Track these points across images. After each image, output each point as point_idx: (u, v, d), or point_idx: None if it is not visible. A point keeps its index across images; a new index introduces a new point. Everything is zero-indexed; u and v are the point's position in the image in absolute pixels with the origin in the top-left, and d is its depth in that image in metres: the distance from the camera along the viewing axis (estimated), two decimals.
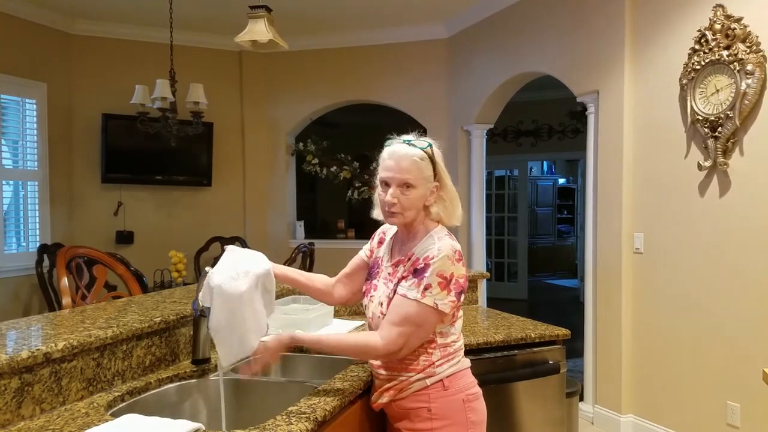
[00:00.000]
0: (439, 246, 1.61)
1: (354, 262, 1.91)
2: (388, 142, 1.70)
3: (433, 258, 1.59)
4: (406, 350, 1.62)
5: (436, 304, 1.57)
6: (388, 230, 1.86)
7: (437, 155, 1.67)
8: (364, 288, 1.84)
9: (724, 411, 3.14)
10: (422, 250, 1.63)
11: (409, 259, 1.66)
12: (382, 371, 1.71)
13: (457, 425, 1.65)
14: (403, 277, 1.65)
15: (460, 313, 1.73)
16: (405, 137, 1.68)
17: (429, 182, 1.65)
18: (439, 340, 1.66)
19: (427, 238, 1.66)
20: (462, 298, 1.65)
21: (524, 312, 4.07)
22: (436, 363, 1.65)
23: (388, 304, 1.65)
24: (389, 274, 1.72)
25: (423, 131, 1.83)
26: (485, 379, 2.23)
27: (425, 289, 1.57)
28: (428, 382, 1.65)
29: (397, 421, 1.70)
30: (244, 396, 1.89)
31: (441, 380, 1.65)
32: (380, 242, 1.87)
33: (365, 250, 1.90)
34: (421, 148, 1.64)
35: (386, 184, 1.66)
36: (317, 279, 1.93)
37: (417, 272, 1.60)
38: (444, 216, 1.70)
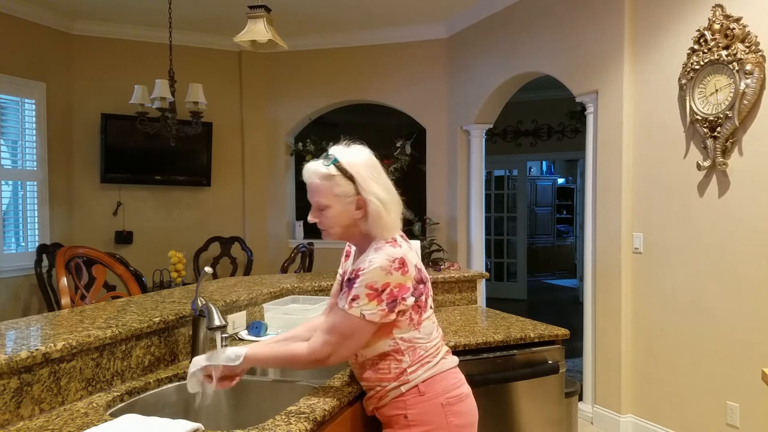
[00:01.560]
0: (371, 258, 1.56)
1: (334, 289, 1.87)
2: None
3: (363, 270, 1.54)
4: (335, 358, 1.59)
5: (363, 315, 1.53)
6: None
7: (353, 168, 1.59)
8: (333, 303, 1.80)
9: (724, 411, 3.14)
10: (358, 262, 1.60)
11: None
12: (361, 381, 1.71)
13: (439, 430, 1.61)
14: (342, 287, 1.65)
15: (426, 314, 1.66)
16: (332, 149, 1.64)
17: (346, 197, 1.59)
18: (404, 346, 1.62)
19: (368, 251, 1.61)
20: (405, 303, 1.57)
21: (523, 312, 4.08)
22: (409, 370, 1.62)
23: None
24: None
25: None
26: (484, 379, 2.24)
27: (353, 300, 1.54)
28: (403, 389, 1.61)
29: (384, 429, 1.69)
30: (243, 396, 1.89)
31: (416, 386, 1.61)
32: (347, 255, 1.85)
33: (338, 272, 1.87)
34: (331, 163, 1.59)
35: None
36: (304, 329, 1.85)
37: (349, 282, 1.58)
38: (374, 231, 1.61)
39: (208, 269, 1.89)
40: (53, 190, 5.31)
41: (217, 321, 1.81)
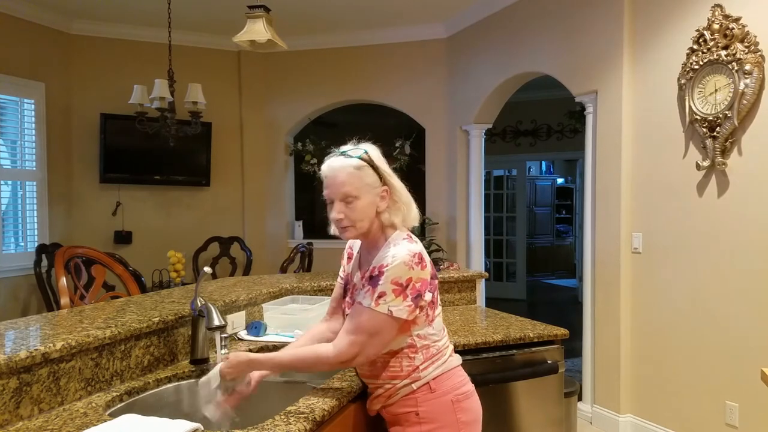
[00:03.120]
0: (393, 253, 1.57)
1: (335, 293, 1.87)
2: (326, 158, 1.67)
3: (387, 266, 1.55)
4: (362, 358, 1.58)
5: (391, 311, 1.53)
6: (354, 244, 1.83)
7: (378, 160, 1.64)
8: (343, 306, 1.80)
9: (723, 411, 3.14)
10: (379, 258, 1.60)
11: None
12: (369, 380, 1.70)
13: (448, 427, 1.63)
14: (358, 286, 1.64)
15: (438, 310, 1.69)
16: (342, 148, 1.65)
17: (374, 188, 1.61)
18: (419, 343, 1.63)
19: (385, 247, 1.62)
20: (424, 299, 1.59)
21: (523, 312, 4.08)
22: (421, 367, 1.63)
23: None
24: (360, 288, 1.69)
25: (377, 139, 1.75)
26: (484, 379, 2.24)
27: (379, 297, 1.54)
28: (414, 386, 1.63)
29: (391, 426, 1.70)
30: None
31: (427, 383, 1.63)
32: (349, 258, 1.84)
33: (340, 274, 1.87)
34: (357, 157, 1.61)
35: (331, 201, 1.64)
36: (307, 339, 1.84)
37: (372, 280, 1.57)
38: (397, 221, 1.65)
39: (207, 269, 1.89)
40: (52, 190, 5.30)
41: (216, 321, 1.81)
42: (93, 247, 3.28)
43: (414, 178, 5.88)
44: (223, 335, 1.85)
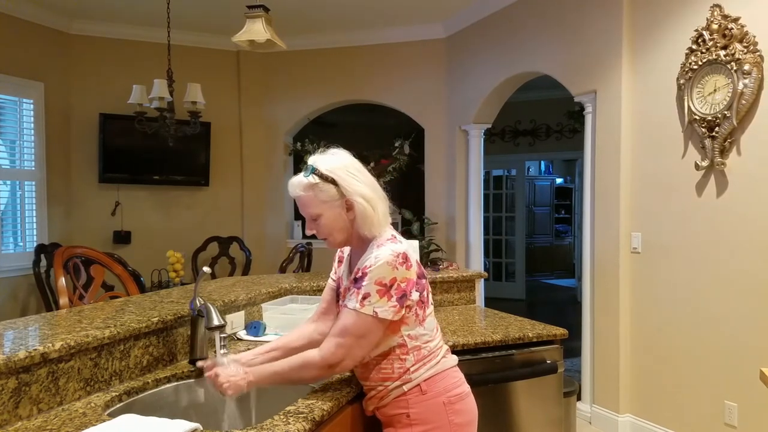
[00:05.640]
0: (376, 254, 1.57)
1: (325, 294, 1.87)
2: None
3: (370, 267, 1.55)
4: (349, 362, 1.58)
5: (376, 312, 1.53)
6: (345, 248, 1.83)
7: (332, 171, 1.60)
8: (337, 310, 1.79)
9: (722, 410, 3.14)
10: (362, 261, 1.60)
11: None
12: (363, 381, 1.70)
13: (440, 429, 1.62)
14: (347, 289, 1.64)
15: (429, 310, 1.68)
16: (310, 159, 1.64)
17: (334, 201, 1.61)
18: (410, 344, 1.63)
19: (369, 249, 1.62)
20: (411, 299, 1.58)
21: (522, 312, 4.08)
22: (411, 369, 1.62)
23: None
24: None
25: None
26: (483, 379, 2.24)
27: (364, 298, 1.54)
28: (405, 388, 1.62)
29: (385, 428, 1.70)
30: (242, 396, 1.89)
31: (418, 385, 1.62)
32: (340, 261, 1.85)
33: (331, 277, 1.87)
34: (307, 174, 1.61)
35: None
36: (294, 337, 1.84)
37: (356, 282, 1.58)
38: (365, 231, 1.63)
39: (206, 269, 1.88)
40: (51, 190, 5.30)
41: (215, 321, 1.80)
42: (92, 247, 3.28)
43: (413, 178, 5.90)
44: (222, 335, 1.85)
